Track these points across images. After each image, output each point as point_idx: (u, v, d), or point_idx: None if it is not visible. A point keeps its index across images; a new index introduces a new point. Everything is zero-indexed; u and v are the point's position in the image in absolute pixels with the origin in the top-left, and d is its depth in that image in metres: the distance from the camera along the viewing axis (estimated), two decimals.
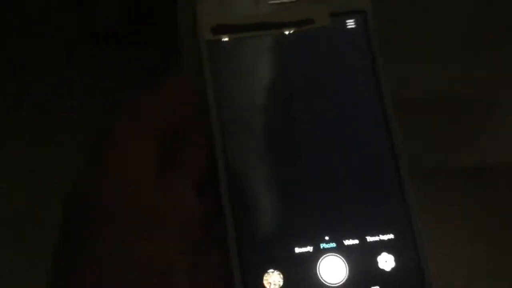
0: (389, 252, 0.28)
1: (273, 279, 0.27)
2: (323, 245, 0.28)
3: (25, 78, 1.10)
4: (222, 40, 0.30)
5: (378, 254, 0.28)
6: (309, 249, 0.28)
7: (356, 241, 0.28)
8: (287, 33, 0.30)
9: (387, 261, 0.28)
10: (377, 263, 0.28)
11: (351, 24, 0.31)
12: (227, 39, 0.30)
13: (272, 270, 0.27)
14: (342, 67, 0.30)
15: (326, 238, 0.28)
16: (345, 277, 0.27)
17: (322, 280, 0.27)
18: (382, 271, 0.28)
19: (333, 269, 0.27)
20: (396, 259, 0.28)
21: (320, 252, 0.28)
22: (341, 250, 0.28)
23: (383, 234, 0.28)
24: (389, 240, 0.28)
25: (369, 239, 0.28)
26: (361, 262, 0.28)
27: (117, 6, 1.16)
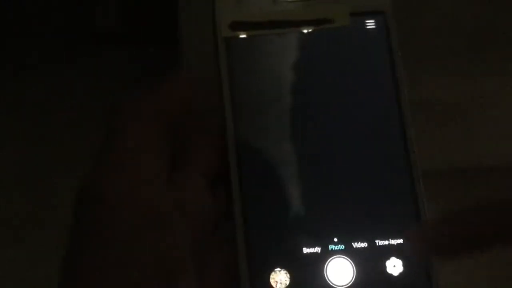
0: (398, 257, 0.28)
1: (280, 278, 0.27)
2: (331, 247, 0.28)
3: (25, 78, 1.10)
4: (239, 37, 0.30)
5: (387, 259, 0.28)
6: (318, 250, 0.27)
7: (365, 244, 0.28)
8: (305, 31, 0.30)
9: (396, 266, 0.28)
10: (385, 267, 0.28)
11: (370, 25, 0.30)
12: (244, 36, 0.30)
13: (279, 269, 0.27)
14: (360, 67, 0.30)
15: (335, 239, 0.28)
16: (352, 280, 0.27)
17: (329, 281, 0.27)
18: (390, 275, 0.27)
19: (340, 271, 0.27)
20: (405, 264, 0.28)
21: (328, 254, 0.28)
22: (349, 252, 0.28)
23: (392, 238, 0.28)
24: (398, 244, 0.28)
25: (378, 242, 0.28)
26: (369, 265, 0.28)
27: (117, 6, 1.16)
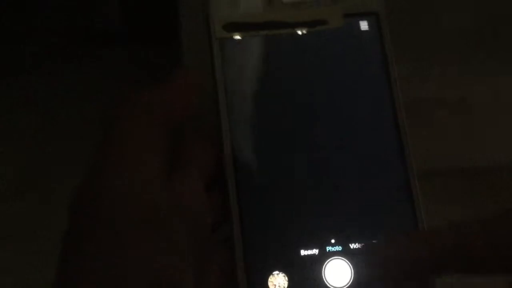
0: None
1: (278, 281, 0.27)
2: (329, 248, 0.28)
3: (25, 78, 1.10)
4: (233, 38, 0.30)
5: None
6: (315, 251, 0.27)
7: (362, 245, 0.28)
8: (299, 33, 0.30)
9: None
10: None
11: (364, 26, 0.30)
12: (238, 37, 0.30)
13: (277, 272, 0.27)
14: (354, 68, 0.30)
15: (332, 241, 0.28)
16: (350, 281, 0.27)
17: (327, 283, 0.27)
18: None
19: (338, 272, 0.27)
20: None
21: (325, 255, 0.28)
22: (347, 253, 0.28)
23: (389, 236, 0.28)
24: None
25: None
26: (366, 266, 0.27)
27: (117, 6, 1.16)
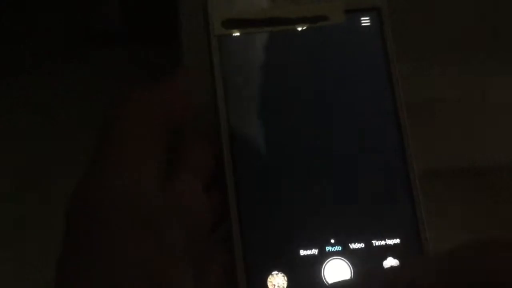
0: (395, 257, 0.28)
1: (277, 281, 0.27)
2: (328, 248, 0.28)
3: (25, 78, 1.10)
4: (232, 35, 0.29)
5: (384, 259, 0.28)
6: (314, 252, 0.28)
7: (361, 245, 0.28)
8: (300, 29, 0.30)
9: (392, 266, 0.28)
10: (382, 267, 0.28)
11: (365, 22, 0.30)
12: (238, 34, 0.29)
13: (276, 272, 0.27)
14: (355, 64, 0.30)
15: (332, 241, 0.28)
16: None
17: (327, 283, 0.27)
18: None
19: (338, 272, 0.27)
20: (401, 264, 0.27)
21: (325, 255, 0.28)
22: (346, 253, 0.28)
23: (389, 238, 0.28)
24: (395, 245, 0.28)
25: (375, 243, 0.28)
26: (366, 266, 0.28)
27: (117, 6, 1.16)
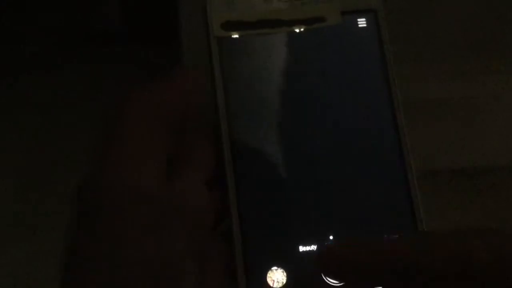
0: None
1: (276, 277, 0.27)
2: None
3: (25, 78, 1.10)
4: (232, 37, 0.30)
5: None
6: (313, 247, 0.28)
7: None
8: (297, 30, 0.30)
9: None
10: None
11: (362, 23, 0.30)
12: (237, 36, 0.30)
13: (276, 268, 0.27)
14: (352, 65, 0.30)
15: (331, 237, 0.28)
16: None
17: (325, 279, 0.27)
18: None
19: None
20: None
21: None
22: None
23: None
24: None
25: None
26: None
27: (117, 6, 1.16)
